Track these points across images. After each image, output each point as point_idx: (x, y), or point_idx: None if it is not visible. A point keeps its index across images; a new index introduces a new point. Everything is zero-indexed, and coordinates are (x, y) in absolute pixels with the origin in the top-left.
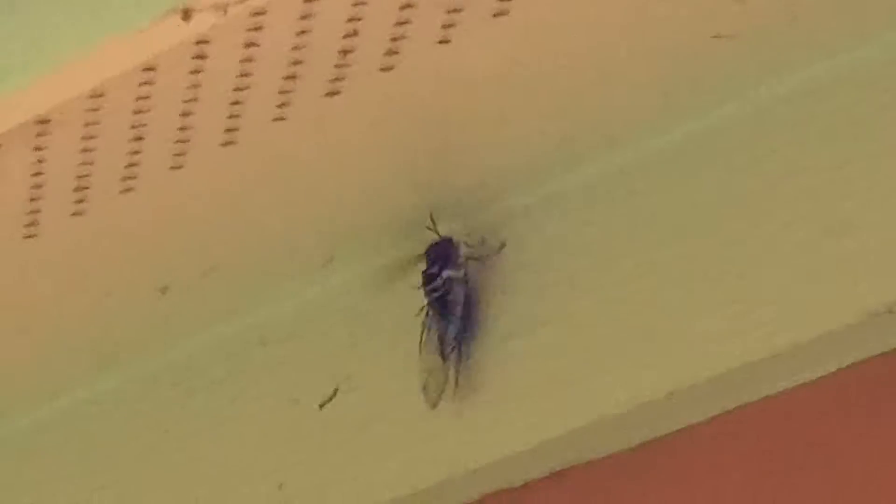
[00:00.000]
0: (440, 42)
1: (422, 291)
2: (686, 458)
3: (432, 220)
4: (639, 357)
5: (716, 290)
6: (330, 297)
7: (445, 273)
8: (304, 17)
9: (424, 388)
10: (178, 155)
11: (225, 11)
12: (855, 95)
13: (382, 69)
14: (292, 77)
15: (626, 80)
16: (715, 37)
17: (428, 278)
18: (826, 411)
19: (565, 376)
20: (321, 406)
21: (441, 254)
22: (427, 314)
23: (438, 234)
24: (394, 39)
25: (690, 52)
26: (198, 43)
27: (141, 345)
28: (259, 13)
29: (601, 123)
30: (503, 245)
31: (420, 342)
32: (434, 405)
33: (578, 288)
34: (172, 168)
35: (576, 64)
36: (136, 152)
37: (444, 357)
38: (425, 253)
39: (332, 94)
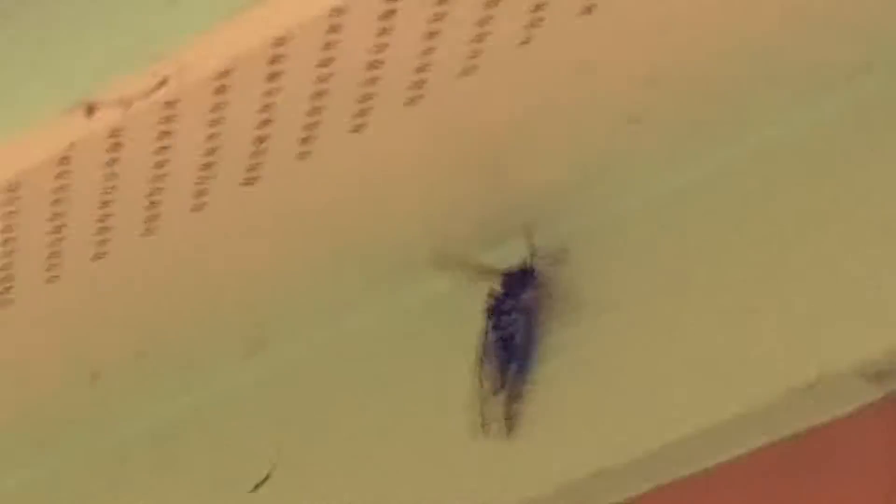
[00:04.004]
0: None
1: (489, 315)
2: None
3: (529, 233)
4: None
5: (637, 368)
6: (261, 381)
7: (519, 305)
8: (214, 110)
9: (480, 414)
10: (101, 243)
11: (129, 106)
12: (771, 173)
13: (299, 155)
14: (208, 166)
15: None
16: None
17: (502, 308)
18: (750, 488)
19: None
20: (255, 488)
21: (520, 283)
22: (486, 339)
23: (534, 253)
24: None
25: (606, 135)
26: (109, 136)
27: (73, 431)
28: (170, 103)
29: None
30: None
31: (478, 367)
32: (487, 434)
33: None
34: (95, 258)
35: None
36: (58, 241)
37: (497, 390)
38: (504, 275)
39: (248, 182)
